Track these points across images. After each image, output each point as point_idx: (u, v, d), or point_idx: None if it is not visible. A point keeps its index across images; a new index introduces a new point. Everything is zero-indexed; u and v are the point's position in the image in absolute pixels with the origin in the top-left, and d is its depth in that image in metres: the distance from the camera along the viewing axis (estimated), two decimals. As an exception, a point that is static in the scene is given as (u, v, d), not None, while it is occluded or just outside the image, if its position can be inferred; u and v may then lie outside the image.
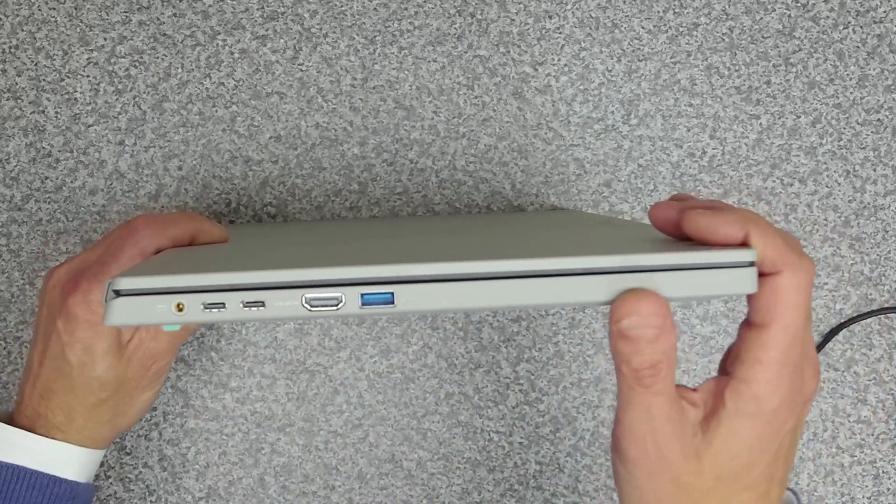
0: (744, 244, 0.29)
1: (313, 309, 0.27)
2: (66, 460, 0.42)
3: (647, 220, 0.57)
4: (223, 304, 0.27)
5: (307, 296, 0.27)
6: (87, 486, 0.44)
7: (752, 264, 0.28)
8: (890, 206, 0.57)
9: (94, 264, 0.41)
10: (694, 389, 0.32)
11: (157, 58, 0.57)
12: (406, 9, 0.57)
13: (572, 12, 0.58)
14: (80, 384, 0.42)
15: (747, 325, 0.31)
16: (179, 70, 0.57)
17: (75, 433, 0.43)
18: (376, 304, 0.27)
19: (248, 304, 0.27)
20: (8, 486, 0.40)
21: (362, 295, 0.27)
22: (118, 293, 0.27)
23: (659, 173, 0.57)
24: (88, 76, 0.57)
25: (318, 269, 0.27)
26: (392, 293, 0.27)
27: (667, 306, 0.28)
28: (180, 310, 0.27)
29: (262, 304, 0.27)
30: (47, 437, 0.42)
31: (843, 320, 0.56)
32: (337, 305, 0.27)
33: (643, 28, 0.58)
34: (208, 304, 0.27)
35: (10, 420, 0.43)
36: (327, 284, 0.27)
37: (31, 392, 0.43)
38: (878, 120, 0.57)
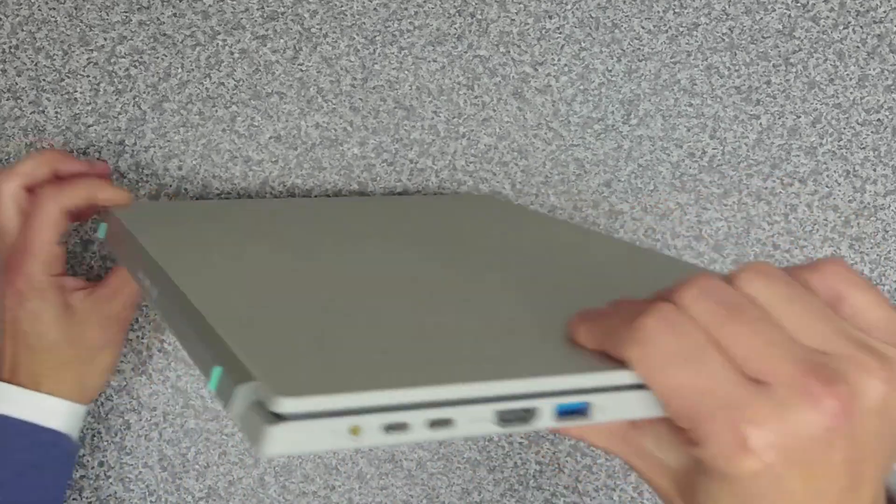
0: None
1: (505, 425, 0.24)
2: (49, 410, 0.46)
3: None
4: (405, 424, 0.23)
5: (499, 408, 0.24)
6: (70, 438, 0.47)
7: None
8: (890, 206, 0.57)
9: (18, 245, 0.46)
10: None
11: (157, 58, 0.57)
12: (406, 9, 0.57)
13: (572, 12, 0.58)
14: (39, 350, 0.46)
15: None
16: (179, 70, 0.57)
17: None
18: (572, 416, 0.25)
19: (435, 424, 0.23)
20: None
21: (558, 406, 0.25)
22: (280, 417, 0.22)
23: (659, 173, 0.57)
24: (88, 76, 0.57)
25: (514, 380, 0.24)
26: (587, 403, 0.25)
27: None
28: (356, 434, 0.22)
29: (450, 421, 0.23)
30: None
31: (843, 320, 0.56)
32: (530, 420, 0.24)
33: (643, 28, 0.58)
34: (388, 425, 0.23)
35: None
36: (523, 397, 0.24)
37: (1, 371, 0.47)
38: (878, 120, 0.57)
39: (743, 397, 0.23)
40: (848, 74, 0.58)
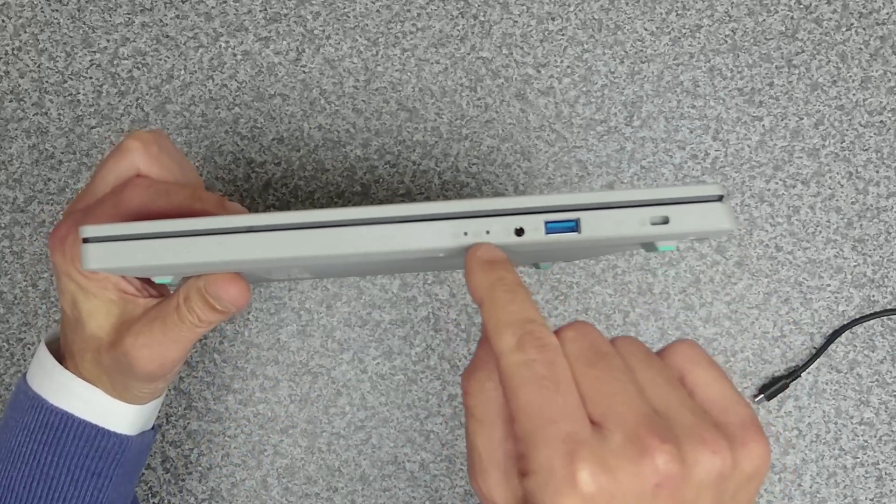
0: None
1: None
2: (116, 413, 0.38)
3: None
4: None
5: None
6: (137, 441, 0.40)
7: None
8: (892, 207, 0.57)
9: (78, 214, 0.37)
10: None
11: (160, 59, 0.57)
12: (409, 10, 0.57)
13: (575, 14, 0.58)
14: (80, 337, 0.38)
15: None
16: (182, 72, 0.57)
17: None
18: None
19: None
20: (55, 435, 0.37)
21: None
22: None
23: (662, 175, 0.57)
24: (91, 78, 0.57)
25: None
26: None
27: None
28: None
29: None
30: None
31: (845, 322, 0.56)
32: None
33: (646, 30, 0.58)
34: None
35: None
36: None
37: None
38: (881, 122, 0.57)
39: (583, 436, 0.24)
40: (851, 76, 0.58)
